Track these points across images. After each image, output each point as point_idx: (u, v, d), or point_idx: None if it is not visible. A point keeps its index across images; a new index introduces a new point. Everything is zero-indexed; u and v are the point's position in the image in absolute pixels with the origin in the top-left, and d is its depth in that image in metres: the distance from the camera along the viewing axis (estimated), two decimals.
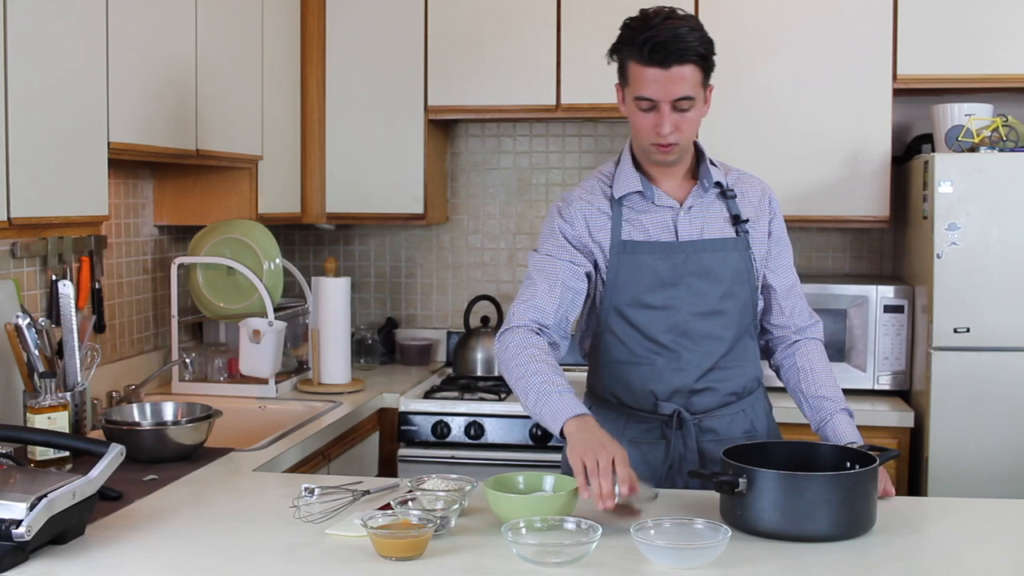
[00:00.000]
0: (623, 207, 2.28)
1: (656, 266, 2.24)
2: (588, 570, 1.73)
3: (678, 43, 2.10)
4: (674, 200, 2.28)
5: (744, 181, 2.35)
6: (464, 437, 3.39)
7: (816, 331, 2.40)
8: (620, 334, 2.29)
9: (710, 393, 2.28)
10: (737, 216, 2.29)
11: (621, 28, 2.20)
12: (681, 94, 2.13)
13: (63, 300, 2.61)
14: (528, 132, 4.10)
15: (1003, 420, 3.17)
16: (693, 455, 2.27)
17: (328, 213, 3.83)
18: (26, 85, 2.23)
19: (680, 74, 2.12)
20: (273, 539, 1.91)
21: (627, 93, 2.20)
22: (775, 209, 2.36)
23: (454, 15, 3.71)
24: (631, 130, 2.26)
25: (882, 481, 2.13)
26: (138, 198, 3.39)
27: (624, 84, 2.21)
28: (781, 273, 2.37)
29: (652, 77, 2.12)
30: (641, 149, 2.25)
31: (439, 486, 2.05)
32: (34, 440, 2.14)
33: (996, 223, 3.16)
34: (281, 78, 3.57)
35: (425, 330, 4.17)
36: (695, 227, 2.27)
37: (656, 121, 2.16)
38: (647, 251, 2.25)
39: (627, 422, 2.31)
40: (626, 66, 2.18)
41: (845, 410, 2.28)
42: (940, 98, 3.55)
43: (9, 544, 1.71)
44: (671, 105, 2.14)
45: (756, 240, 2.31)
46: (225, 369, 3.48)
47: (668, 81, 2.12)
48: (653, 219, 2.27)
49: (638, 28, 2.14)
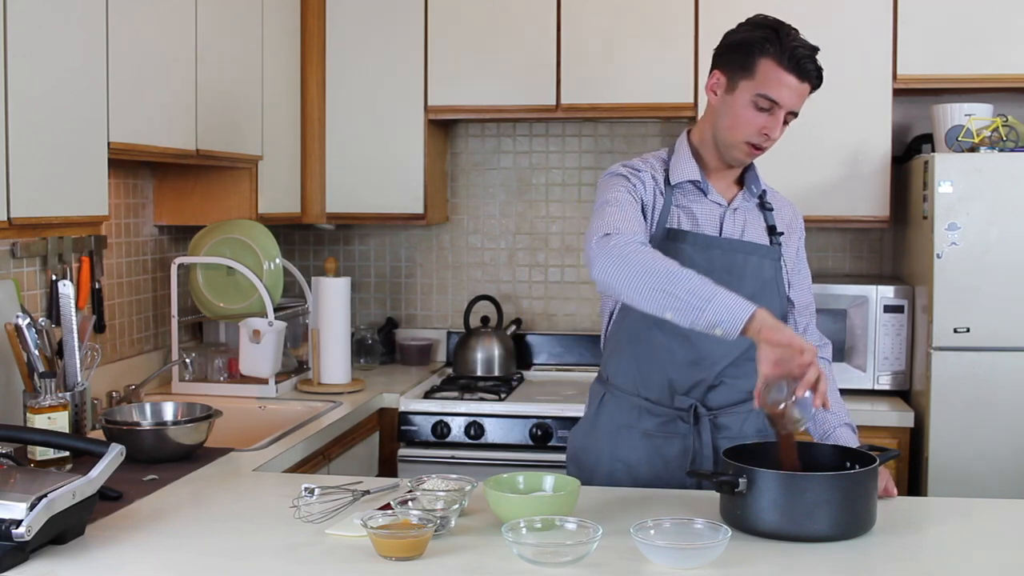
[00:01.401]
0: (675, 194, 2.30)
1: (694, 257, 2.24)
2: (588, 570, 1.73)
3: (816, 63, 2.19)
4: (723, 198, 2.32)
5: (777, 199, 2.42)
6: (464, 437, 3.39)
7: (826, 352, 2.42)
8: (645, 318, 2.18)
9: (726, 388, 2.29)
10: (773, 227, 2.35)
11: (759, 26, 2.21)
12: (797, 107, 2.22)
13: (63, 300, 2.61)
14: (528, 132, 4.10)
15: (1003, 420, 3.17)
16: (709, 451, 2.28)
17: (328, 213, 3.83)
18: (26, 85, 2.23)
19: (806, 90, 2.21)
20: (273, 539, 1.91)
21: (744, 85, 2.20)
22: (802, 231, 2.45)
23: (454, 15, 3.71)
24: (719, 121, 2.25)
25: (883, 481, 2.13)
26: (138, 198, 3.39)
27: (744, 76, 2.20)
28: (800, 291, 2.42)
29: (787, 83, 2.18)
30: (724, 142, 2.26)
31: (439, 486, 2.05)
32: (34, 440, 2.14)
33: (996, 223, 3.16)
34: (281, 78, 3.57)
35: (425, 330, 4.17)
36: (737, 227, 2.31)
37: (768, 123, 2.20)
38: (690, 241, 2.27)
39: (641, 414, 2.31)
40: (756, 61, 2.18)
41: (848, 424, 2.29)
42: (940, 98, 3.55)
43: (9, 544, 1.71)
44: (784, 114, 2.20)
45: (787, 254, 2.38)
46: (225, 369, 3.48)
47: (797, 92, 2.20)
48: (703, 211, 2.31)
49: (783, 32, 2.19)
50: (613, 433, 2.33)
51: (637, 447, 2.30)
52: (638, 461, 2.30)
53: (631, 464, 2.30)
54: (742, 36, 2.23)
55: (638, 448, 2.30)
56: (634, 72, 3.59)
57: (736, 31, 2.26)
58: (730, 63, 2.23)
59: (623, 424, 2.33)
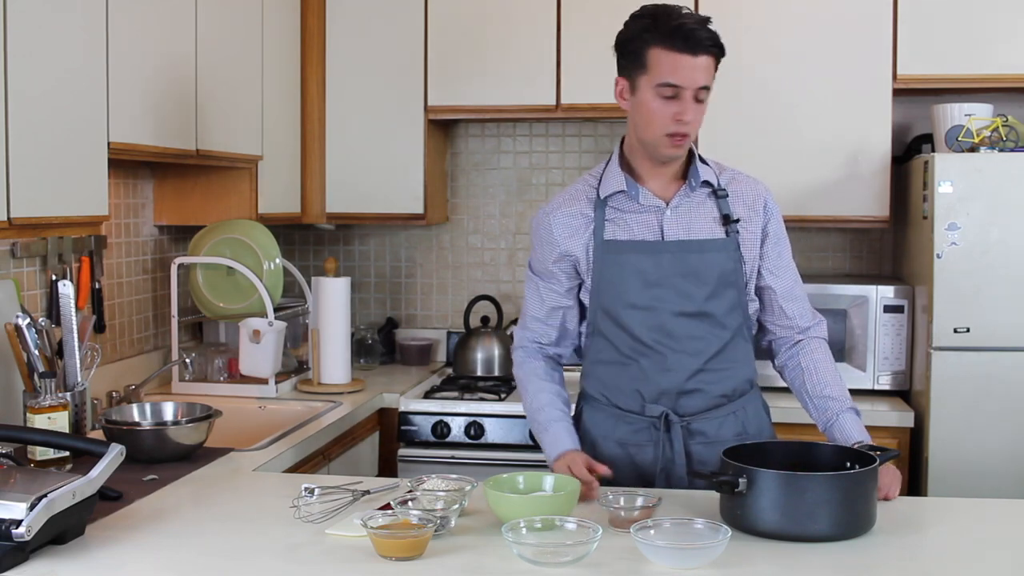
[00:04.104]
0: (607, 207, 2.27)
1: (640, 265, 2.23)
2: (588, 570, 1.73)
3: (706, 32, 2.14)
4: (660, 200, 2.26)
5: (738, 181, 2.32)
6: (464, 437, 3.39)
7: (820, 330, 2.36)
8: (608, 334, 2.28)
9: (699, 395, 2.26)
10: (727, 216, 2.26)
11: (637, 18, 2.19)
12: (704, 82, 2.15)
13: (63, 300, 2.61)
14: (528, 132, 4.10)
15: (1003, 420, 3.17)
16: (681, 458, 2.26)
17: (328, 213, 3.83)
18: (26, 85, 2.23)
19: (705, 63, 2.14)
20: (273, 539, 1.91)
21: (642, 82, 2.17)
22: (772, 210, 2.33)
23: (454, 15, 3.71)
24: (636, 123, 2.23)
25: (889, 482, 2.13)
26: (138, 198, 3.39)
27: (640, 72, 2.17)
28: (780, 274, 2.33)
29: (681, 63, 2.12)
30: (648, 143, 2.22)
31: (439, 486, 2.05)
32: (34, 440, 2.14)
33: (996, 223, 3.16)
34: (281, 78, 3.57)
35: (425, 330, 4.17)
36: (682, 227, 2.25)
37: (677, 109, 2.15)
38: (631, 250, 2.24)
39: (616, 423, 2.31)
40: (645, 53, 2.15)
41: (852, 409, 2.25)
42: (940, 98, 3.55)
43: (9, 544, 1.71)
44: (692, 93, 2.15)
45: (747, 241, 2.28)
46: (225, 369, 3.48)
47: (695, 69, 2.13)
48: (638, 219, 2.26)
49: (662, 17, 2.15)
50: (590, 444, 2.32)
51: (612, 456, 2.28)
52: (614, 470, 2.25)
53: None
54: (626, 34, 2.21)
55: (613, 457, 2.28)
56: None
57: (621, 31, 2.23)
58: (625, 65, 2.22)
59: (600, 434, 2.33)
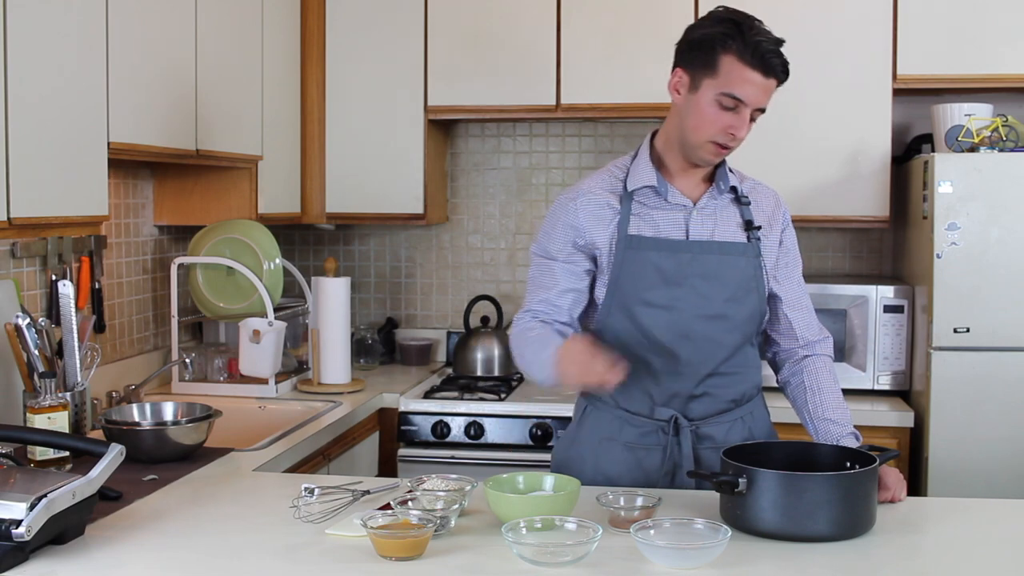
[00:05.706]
0: (634, 201, 2.24)
1: (661, 263, 2.20)
2: (588, 570, 1.73)
3: (781, 57, 2.11)
4: (688, 199, 2.24)
5: (758, 191, 2.32)
6: (464, 437, 3.39)
7: (826, 347, 2.35)
8: (620, 331, 2.24)
9: (709, 399, 2.25)
10: (750, 222, 2.25)
11: (719, 20, 2.13)
12: (764, 104, 2.13)
13: (63, 300, 2.61)
14: (528, 132, 4.10)
15: (1003, 420, 3.17)
16: (689, 462, 2.23)
17: (328, 213, 3.83)
18: (26, 85, 2.23)
19: (772, 85, 2.12)
20: (273, 539, 1.91)
21: (707, 84, 2.11)
22: (787, 220, 2.34)
23: (454, 15, 3.71)
24: (684, 122, 2.17)
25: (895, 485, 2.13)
26: (138, 198, 3.39)
27: (707, 74, 2.11)
28: (788, 285, 2.32)
29: (752, 80, 2.09)
30: (689, 144, 2.18)
31: (439, 486, 2.05)
32: (34, 440, 2.14)
33: (996, 223, 3.16)
34: (281, 78, 3.57)
35: (425, 330, 4.17)
36: (706, 228, 2.23)
37: (733, 122, 2.11)
38: (653, 247, 2.21)
39: (623, 426, 2.28)
40: (719, 58, 2.09)
41: (852, 434, 2.23)
42: (940, 98, 3.55)
43: (9, 544, 1.71)
44: (750, 112, 2.12)
45: (767, 248, 2.28)
46: (225, 369, 3.48)
47: (763, 89, 2.11)
48: (665, 216, 2.23)
49: (746, 27, 2.09)
50: (595, 445, 2.30)
51: (618, 459, 2.27)
52: (619, 473, 2.26)
53: (612, 477, 2.26)
54: (703, 32, 2.14)
55: (619, 460, 2.27)
56: (634, 72, 3.59)
57: (697, 26, 2.17)
58: (692, 60, 2.15)
59: (605, 436, 2.29)
